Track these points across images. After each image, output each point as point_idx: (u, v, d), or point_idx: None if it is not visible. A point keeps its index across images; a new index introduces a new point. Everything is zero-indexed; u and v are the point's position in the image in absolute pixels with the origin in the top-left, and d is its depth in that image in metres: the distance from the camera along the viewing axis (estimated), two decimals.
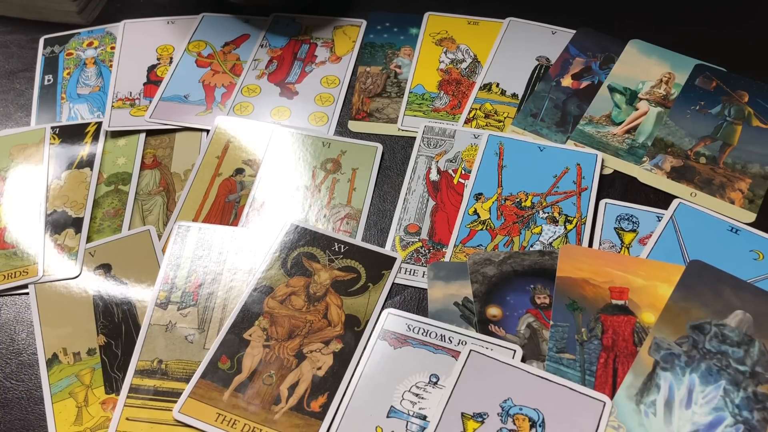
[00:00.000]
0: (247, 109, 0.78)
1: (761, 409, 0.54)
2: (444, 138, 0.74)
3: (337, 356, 0.59)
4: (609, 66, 0.79)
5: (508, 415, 0.54)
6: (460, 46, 0.83)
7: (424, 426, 0.55)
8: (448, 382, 0.56)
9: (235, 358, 0.59)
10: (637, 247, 0.65)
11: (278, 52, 0.83)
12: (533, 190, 0.69)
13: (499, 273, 0.63)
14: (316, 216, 0.69)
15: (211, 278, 0.64)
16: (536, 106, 0.76)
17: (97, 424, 0.58)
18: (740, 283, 0.60)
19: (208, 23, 0.87)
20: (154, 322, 0.62)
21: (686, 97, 0.76)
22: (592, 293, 0.61)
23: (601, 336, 0.59)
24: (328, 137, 0.75)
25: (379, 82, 0.80)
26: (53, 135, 0.76)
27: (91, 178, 0.72)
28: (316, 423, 0.56)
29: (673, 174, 0.70)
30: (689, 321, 0.58)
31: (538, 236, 0.66)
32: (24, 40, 0.87)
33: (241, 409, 0.57)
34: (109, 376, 0.60)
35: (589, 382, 0.57)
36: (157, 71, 0.82)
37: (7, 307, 0.65)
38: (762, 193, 0.69)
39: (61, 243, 0.68)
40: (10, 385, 0.60)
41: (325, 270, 0.64)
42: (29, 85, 0.82)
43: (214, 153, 0.74)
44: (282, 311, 0.62)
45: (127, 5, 0.90)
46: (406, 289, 0.64)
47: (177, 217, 0.69)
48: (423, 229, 0.68)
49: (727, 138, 0.73)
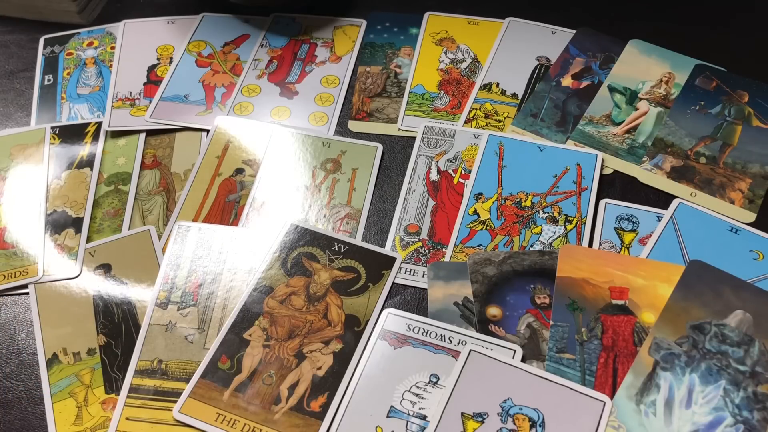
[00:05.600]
0: (247, 109, 0.78)
1: (761, 409, 0.54)
2: (444, 138, 0.74)
3: (337, 356, 0.59)
4: (609, 66, 0.79)
5: (508, 415, 0.54)
6: (460, 46, 0.83)
7: (424, 426, 0.55)
8: (448, 382, 0.56)
9: (235, 358, 0.59)
10: (637, 247, 0.65)
11: (278, 52, 0.83)
12: (533, 190, 0.69)
13: (499, 273, 0.63)
14: (316, 216, 0.69)
15: (211, 278, 0.64)
16: (536, 106, 0.76)
17: (97, 424, 0.58)
18: (740, 283, 0.60)
19: (208, 23, 0.86)
20: (154, 322, 0.62)
21: (686, 97, 0.76)
22: (592, 293, 0.61)
23: (601, 336, 0.59)
24: (328, 137, 0.75)
25: (379, 82, 0.80)
26: (53, 135, 0.76)
27: (91, 178, 0.72)
28: (316, 423, 0.56)
29: (673, 174, 0.70)
30: (689, 321, 0.58)
31: (538, 236, 0.66)
32: (24, 40, 0.87)
33: (241, 409, 0.57)
34: (109, 376, 0.60)
35: (589, 382, 0.57)
36: (157, 71, 0.82)
37: (7, 307, 0.65)
38: (762, 193, 0.69)
39: (61, 243, 0.67)
40: (10, 385, 0.60)
41: (325, 270, 0.64)
42: (29, 85, 0.82)
43: (214, 153, 0.74)
44: (282, 311, 0.62)
45: (127, 5, 0.90)
46: (406, 289, 0.64)
47: (177, 217, 0.69)
48: (423, 229, 0.68)
49: (727, 138, 0.73)
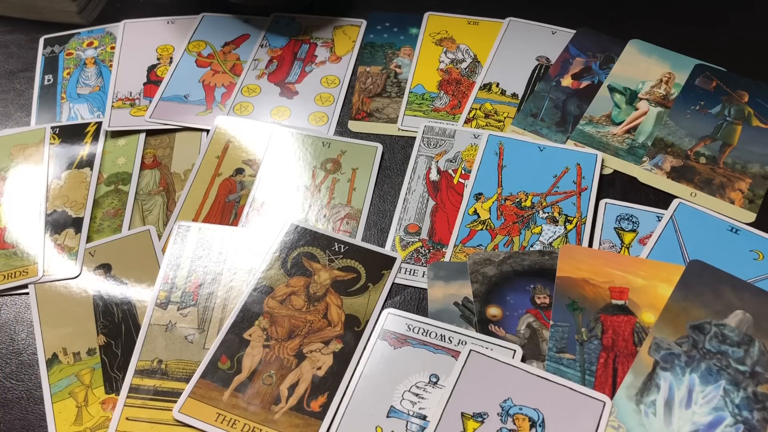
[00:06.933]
0: (247, 109, 0.78)
1: (761, 409, 0.54)
2: (444, 138, 0.74)
3: (337, 356, 0.59)
4: (609, 66, 0.79)
5: (508, 415, 0.54)
6: (460, 46, 0.83)
7: (424, 426, 0.55)
8: (448, 382, 0.56)
9: (235, 358, 0.59)
10: (637, 247, 0.65)
11: (278, 52, 0.83)
12: (533, 190, 0.69)
13: (499, 273, 0.63)
14: (316, 216, 0.69)
15: (211, 278, 0.64)
16: (536, 106, 0.76)
17: (97, 424, 0.58)
18: (740, 283, 0.60)
19: (208, 23, 0.86)
20: (154, 322, 0.62)
21: (686, 97, 0.76)
22: (592, 293, 0.61)
23: (601, 336, 0.59)
24: (328, 137, 0.75)
25: (379, 82, 0.80)
26: (53, 135, 0.76)
27: (91, 178, 0.72)
28: (316, 423, 0.56)
29: (673, 174, 0.70)
30: (689, 321, 0.58)
31: (538, 236, 0.66)
32: (24, 40, 0.87)
33: (241, 409, 0.57)
34: (109, 376, 0.60)
35: (589, 382, 0.57)
36: (157, 71, 0.82)
37: (7, 307, 0.65)
38: (762, 193, 0.69)
39: (61, 243, 0.67)
40: (10, 385, 0.60)
41: (325, 270, 0.64)
42: (29, 85, 0.82)
43: (214, 153, 0.74)
44: (282, 311, 0.62)
45: (127, 5, 0.90)
46: (406, 289, 0.64)
47: (177, 217, 0.69)
48: (423, 229, 0.68)
49: (727, 138, 0.73)
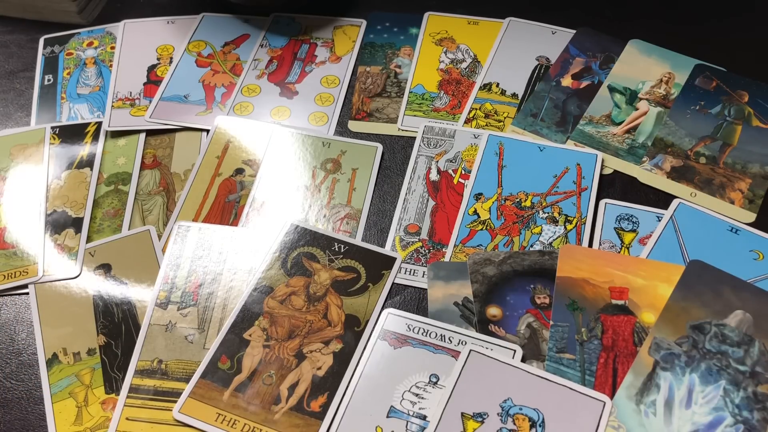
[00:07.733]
0: (247, 109, 0.78)
1: (761, 409, 0.54)
2: (444, 138, 0.74)
3: (337, 356, 0.59)
4: (609, 66, 0.79)
5: (508, 415, 0.54)
6: (460, 46, 0.83)
7: (424, 426, 0.55)
8: (448, 382, 0.56)
9: (235, 358, 0.59)
10: (637, 247, 0.65)
11: (278, 52, 0.83)
12: (533, 190, 0.69)
13: (499, 273, 0.63)
14: (316, 216, 0.69)
15: (211, 278, 0.64)
16: (536, 106, 0.76)
17: (97, 424, 0.58)
18: (740, 283, 0.60)
19: (208, 23, 0.86)
20: (154, 322, 0.62)
21: (686, 97, 0.76)
22: (592, 293, 0.61)
23: (601, 336, 0.59)
24: (328, 137, 0.75)
25: (379, 82, 0.80)
26: (53, 135, 0.76)
27: (91, 178, 0.72)
28: (316, 423, 0.56)
29: (673, 174, 0.70)
30: (689, 321, 0.58)
31: (538, 236, 0.66)
32: (24, 40, 0.87)
33: (241, 409, 0.57)
34: (109, 376, 0.60)
35: (589, 382, 0.57)
36: (157, 71, 0.82)
37: (7, 307, 0.65)
38: (762, 193, 0.69)
39: (61, 243, 0.67)
40: (10, 385, 0.60)
41: (325, 270, 0.64)
42: (29, 85, 0.82)
43: (214, 153, 0.74)
44: (282, 311, 0.62)
45: (127, 5, 0.90)
46: (406, 289, 0.64)
47: (177, 217, 0.69)
48: (423, 229, 0.68)
49: (727, 138, 0.73)
